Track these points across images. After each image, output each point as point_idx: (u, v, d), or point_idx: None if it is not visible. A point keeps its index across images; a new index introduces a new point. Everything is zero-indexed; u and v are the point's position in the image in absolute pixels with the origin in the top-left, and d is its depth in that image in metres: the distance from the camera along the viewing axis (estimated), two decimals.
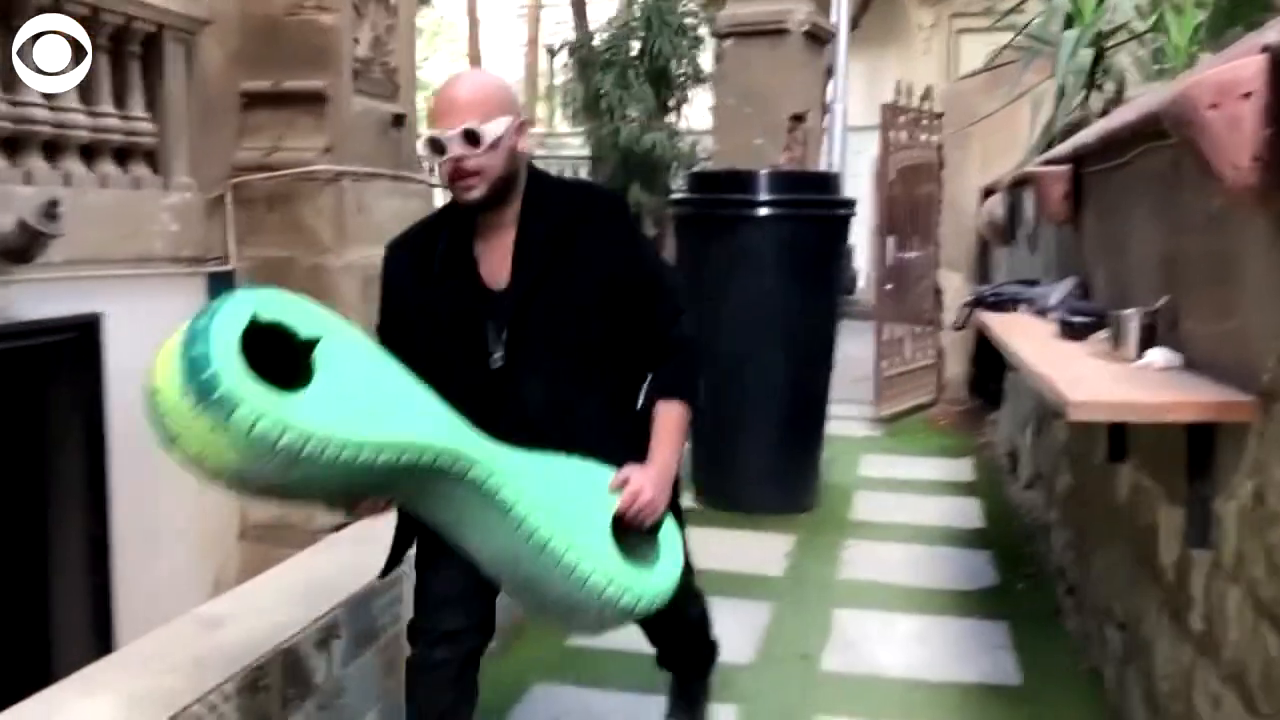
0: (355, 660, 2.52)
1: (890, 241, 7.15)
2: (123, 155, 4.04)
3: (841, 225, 5.06)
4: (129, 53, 3.97)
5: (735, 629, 3.63)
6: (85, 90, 3.75)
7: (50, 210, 3.29)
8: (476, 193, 1.96)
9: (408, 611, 2.36)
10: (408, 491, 1.76)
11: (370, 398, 1.66)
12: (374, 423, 1.63)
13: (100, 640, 3.68)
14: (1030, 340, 2.84)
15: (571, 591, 1.80)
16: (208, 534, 4.19)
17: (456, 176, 1.95)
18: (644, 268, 2.11)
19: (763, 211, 4.78)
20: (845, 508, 5.14)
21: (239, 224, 4.59)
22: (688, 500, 5.05)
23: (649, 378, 2.11)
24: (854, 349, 6.44)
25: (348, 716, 2.48)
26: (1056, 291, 3.28)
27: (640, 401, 2.09)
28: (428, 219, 2.19)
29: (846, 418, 6.72)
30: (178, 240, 4.25)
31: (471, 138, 1.92)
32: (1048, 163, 3.80)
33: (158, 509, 3.92)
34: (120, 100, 4.03)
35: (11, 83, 3.17)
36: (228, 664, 2.09)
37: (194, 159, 4.37)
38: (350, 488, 1.68)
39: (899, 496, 5.36)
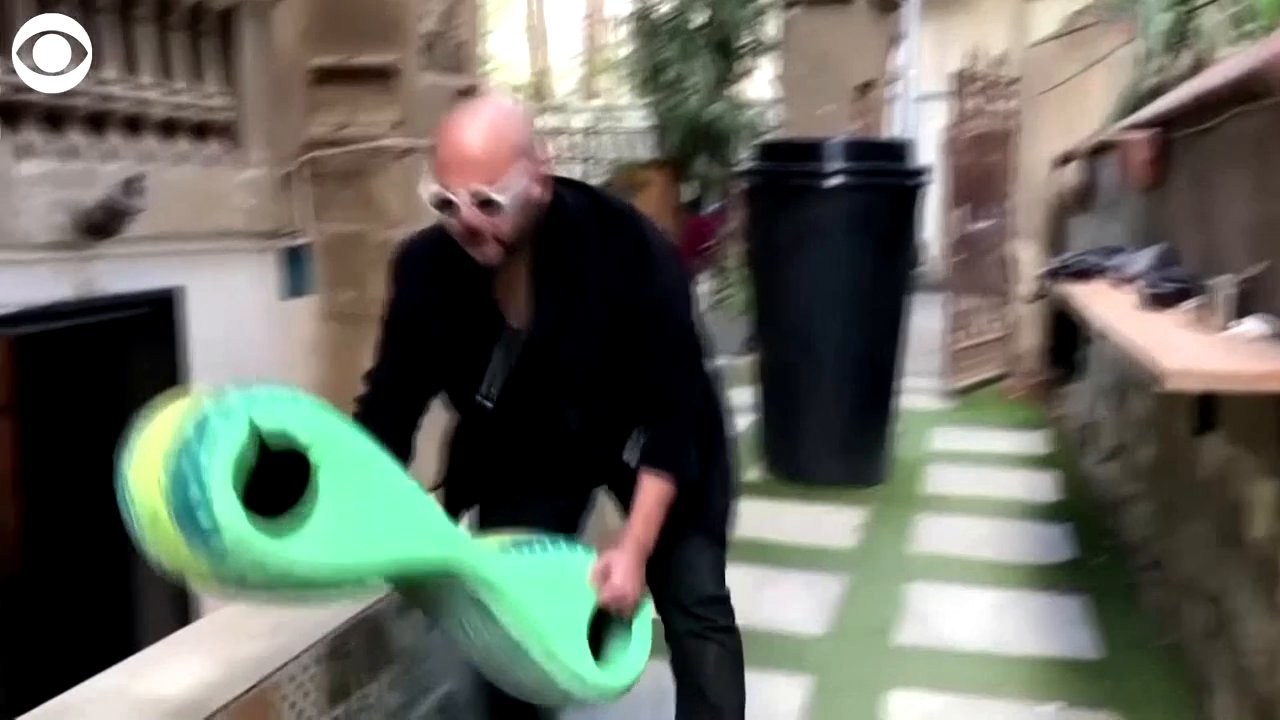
0: (435, 627, 2.54)
1: (961, 212, 7.03)
2: (200, 132, 4.10)
3: (914, 194, 4.98)
4: (204, 30, 4.03)
5: (807, 602, 3.63)
6: (163, 68, 3.81)
7: (133, 186, 3.35)
8: (492, 258, 1.80)
9: None
10: (396, 582, 1.81)
11: (367, 515, 1.63)
12: (370, 545, 1.64)
13: (179, 610, 3.77)
14: (1114, 310, 2.77)
15: (540, 685, 1.91)
16: None
17: (468, 238, 1.77)
18: (650, 292, 1.89)
19: (833, 181, 4.72)
20: (917, 481, 5.09)
21: (312, 199, 4.64)
22: (755, 472, 5.07)
23: (640, 436, 1.98)
24: (923, 321, 6.35)
25: (428, 683, 2.51)
26: (1141, 260, 3.19)
27: (631, 456, 1.99)
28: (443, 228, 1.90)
29: (917, 391, 6.63)
30: (253, 215, 4.31)
31: (484, 201, 1.73)
32: (1131, 128, 3.70)
33: None
34: (197, 77, 4.09)
35: (95, 62, 3.23)
36: (311, 631, 2.13)
37: (268, 135, 4.42)
38: (342, 592, 1.72)
39: (972, 470, 5.29)
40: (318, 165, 4.66)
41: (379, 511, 1.65)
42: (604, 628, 1.96)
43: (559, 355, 1.91)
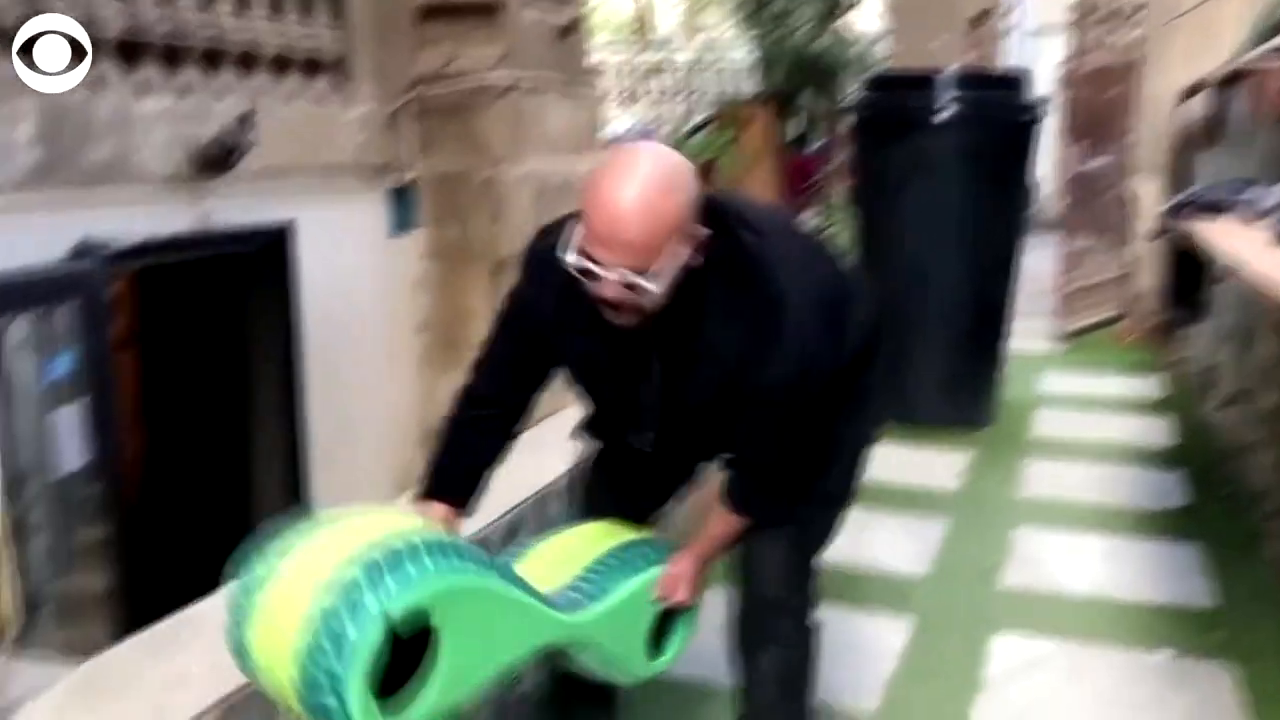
0: None
1: (1077, 149, 6.77)
2: (309, 68, 4.15)
3: (1029, 129, 4.80)
4: None
5: (909, 544, 3.59)
6: (274, 3, 3.85)
7: (246, 121, 3.41)
8: (627, 325, 1.68)
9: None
10: None
11: (482, 649, 1.69)
12: (483, 673, 1.71)
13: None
14: (1245, 247, 2.64)
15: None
16: (393, 438, 4.36)
17: (605, 305, 1.65)
18: (767, 379, 1.74)
19: (945, 114, 4.58)
20: (1025, 424, 4.97)
21: (418, 136, 4.68)
22: None
23: (727, 469, 1.96)
24: (1035, 262, 6.17)
25: None
26: (1275, 195, 3.03)
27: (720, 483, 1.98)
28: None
29: (1028, 333, 6.45)
30: (362, 152, 4.36)
31: (630, 284, 1.60)
32: (1267, 56, 3.49)
33: (347, 412, 4.09)
34: (307, 13, 4.13)
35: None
36: None
37: (376, 71, 4.45)
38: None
39: (1083, 414, 5.15)
40: (423, 102, 4.68)
41: (492, 639, 1.72)
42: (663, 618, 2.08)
43: (681, 397, 1.84)
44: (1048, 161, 11.51)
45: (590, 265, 1.59)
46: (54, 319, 2.79)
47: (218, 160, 3.48)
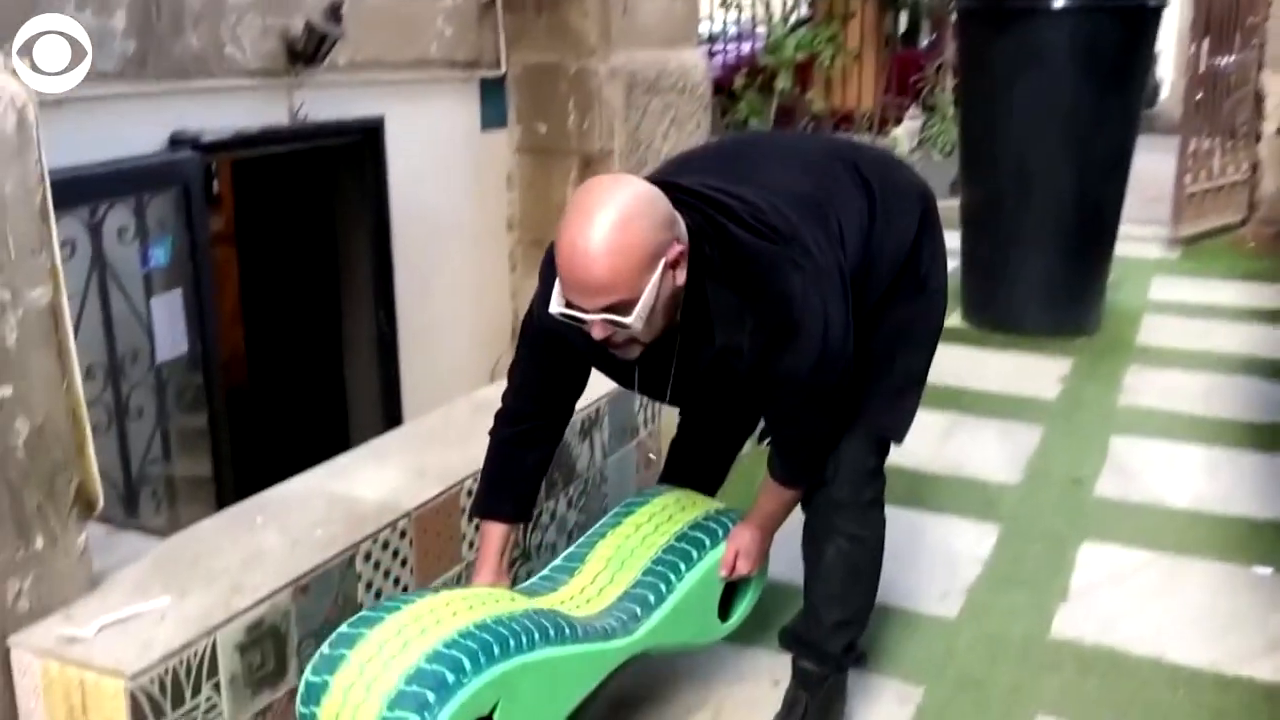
0: (615, 453, 2.59)
1: (1202, 45, 6.36)
2: None
3: (1150, 20, 4.51)
4: None
5: (1001, 450, 3.51)
6: None
7: (334, 12, 3.39)
8: (632, 357, 1.69)
9: (668, 413, 2.43)
10: None
11: (548, 705, 1.76)
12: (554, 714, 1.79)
13: (388, 417, 3.96)
14: None
15: None
16: (483, 331, 4.39)
17: (604, 344, 1.64)
18: (784, 367, 1.71)
19: (1058, 3, 4.33)
20: (1130, 332, 4.78)
21: (508, 28, 4.61)
22: (954, 319, 4.88)
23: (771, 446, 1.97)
24: (1151, 165, 5.87)
25: (604, 506, 2.57)
26: None
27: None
28: None
29: (1139, 238, 6.19)
30: (452, 45, 4.31)
31: (616, 319, 1.56)
32: None
33: (437, 306, 4.12)
34: None
35: None
36: None
37: None
38: None
39: (1194, 321, 4.92)
40: None
41: (553, 693, 1.77)
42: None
43: (699, 390, 1.87)
44: (1170, 58, 10.94)
45: (574, 314, 1.58)
46: (151, 208, 2.84)
47: (307, 53, 3.47)
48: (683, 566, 2.04)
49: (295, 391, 4.28)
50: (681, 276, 1.61)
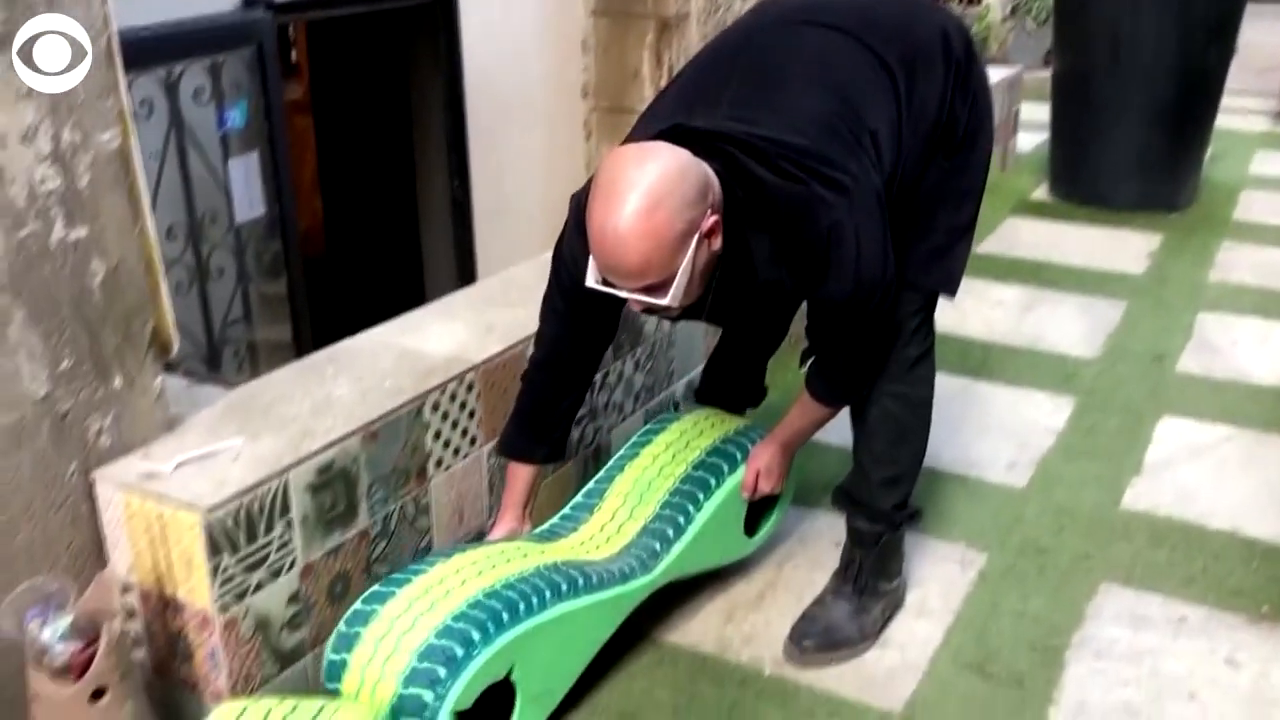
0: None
1: None
2: None
3: None
4: None
5: (1082, 326, 3.43)
6: None
7: None
8: (672, 317, 1.76)
9: None
10: None
11: (561, 664, 1.80)
12: (577, 661, 1.84)
13: (465, 282, 4.00)
14: None
15: None
16: (559, 199, 4.37)
17: (645, 311, 1.65)
18: (825, 294, 1.70)
19: None
20: (1227, 207, 4.59)
21: None
22: (1041, 192, 4.72)
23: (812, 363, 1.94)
24: (1261, 35, 5.54)
25: (669, 369, 2.57)
26: None
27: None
28: None
29: (1243, 111, 5.90)
30: None
31: (653, 300, 1.56)
32: None
33: (511, 170, 4.11)
34: None
35: None
36: None
37: None
38: None
39: None
40: None
41: (574, 640, 1.81)
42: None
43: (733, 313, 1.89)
44: None
45: (607, 289, 1.58)
46: (226, 69, 2.84)
47: None
48: (701, 496, 2.06)
49: (372, 259, 4.33)
50: (717, 242, 1.59)
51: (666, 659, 1.98)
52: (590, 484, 2.14)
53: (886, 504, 2.02)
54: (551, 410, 1.94)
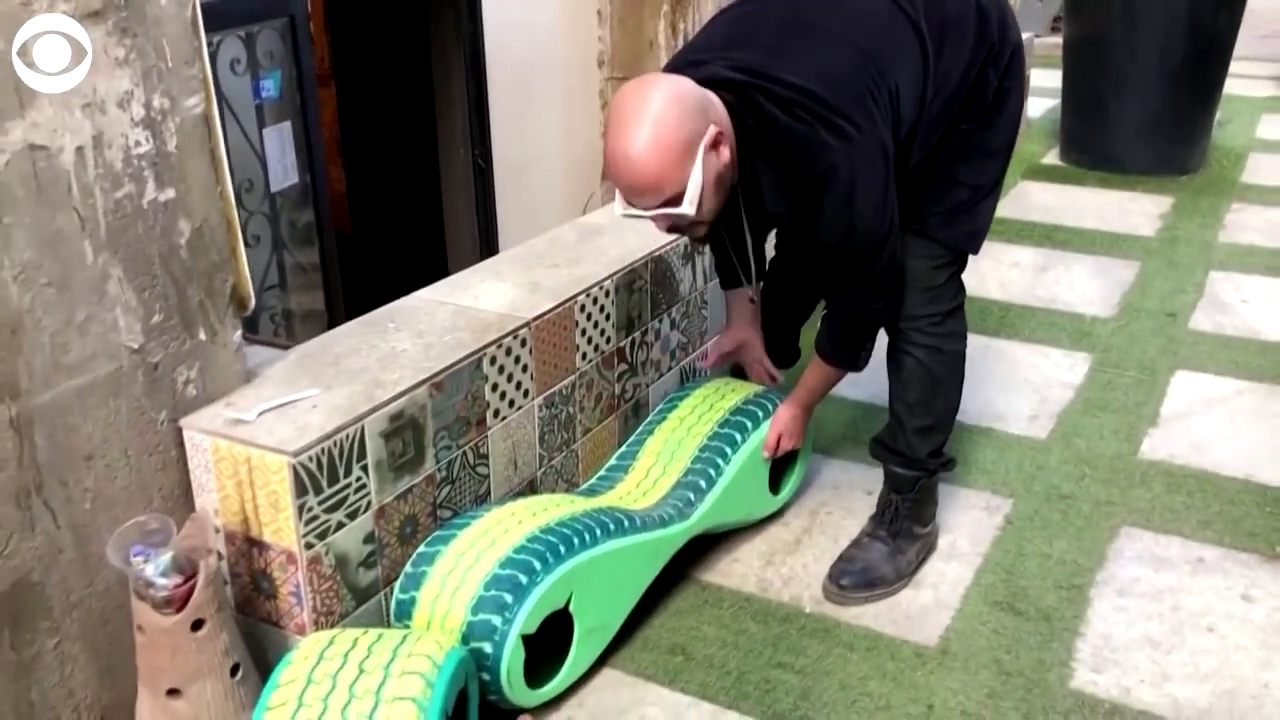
0: (716, 277, 2.66)
1: None
2: None
3: None
4: None
5: (1096, 285, 3.52)
6: None
7: None
8: (702, 238, 1.92)
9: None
10: None
11: (612, 599, 1.92)
12: (626, 600, 1.96)
13: (487, 250, 4.07)
14: None
15: None
16: (576, 169, 4.44)
17: (674, 230, 1.84)
18: (823, 229, 1.82)
19: None
20: (1236, 170, 4.67)
21: None
22: (1052, 157, 4.80)
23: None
24: (1264, 1, 5.59)
25: (703, 329, 2.66)
26: None
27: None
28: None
29: (1250, 76, 5.97)
30: None
31: (673, 211, 1.72)
32: None
33: (532, 141, 4.18)
34: None
35: None
36: (608, 264, 2.28)
37: None
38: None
39: None
40: None
41: (621, 583, 1.93)
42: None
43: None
44: None
45: (634, 212, 1.75)
46: (260, 40, 2.91)
47: None
48: (729, 450, 2.18)
49: (395, 227, 4.40)
50: (725, 154, 1.74)
51: (711, 599, 2.09)
52: (623, 448, 2.28)
53: (922, 452, 2.11)
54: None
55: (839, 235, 1.81)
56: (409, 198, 4.36)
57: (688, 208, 1.70)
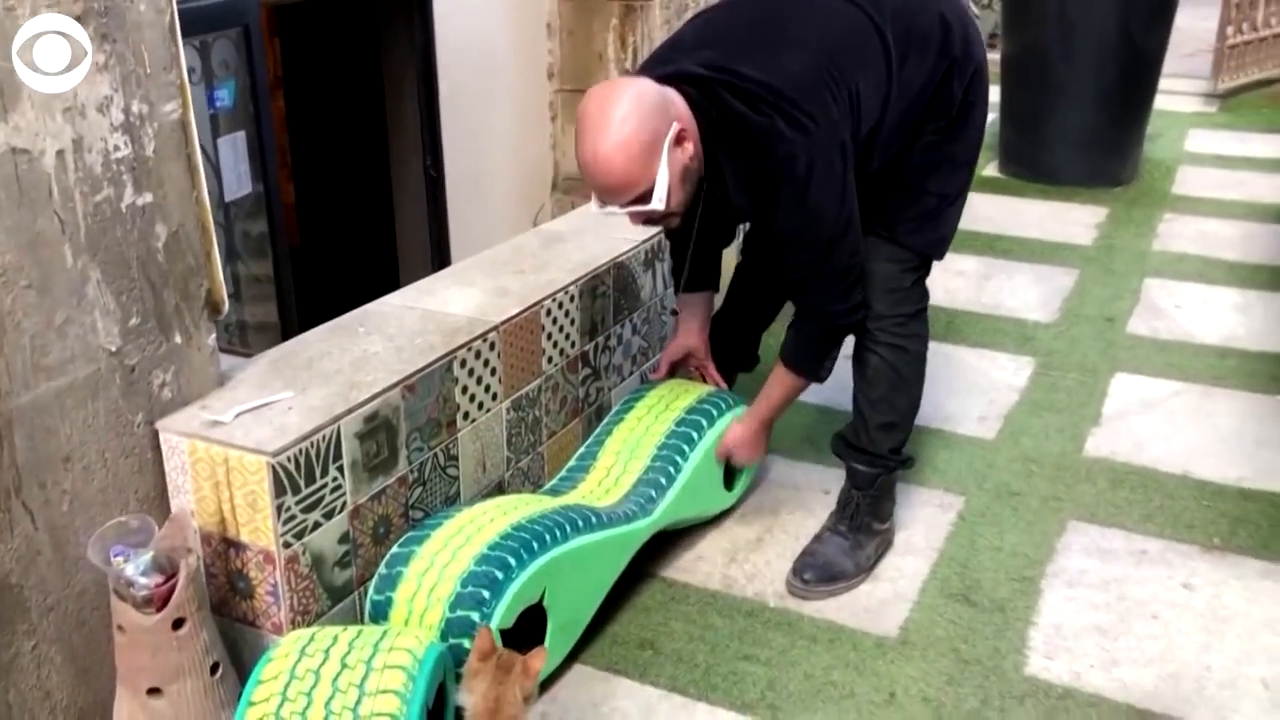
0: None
1: None
2: None
3: None
4: None
5: (1037, 292, 3.63)
6: None
7: None
8: (676, 227, 1.99)
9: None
10: None
11: (582, 594, 1.96)
12: (595, 593, 2.01)
13: (439, 262, 4.08)
14: None
15: None
16: (527, 181, 4.48)
17: (648, 224, 1.94)
18: (781, 222, 1.90)
19: None
20: (1166, 182, 4.84)
21: None
22: (991, 170, 4.94)
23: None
24: (1188, 20, 5.80)
25: (663, 334, 2.71)
26: None
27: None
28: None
29: (1176, 92, 6.18)
30: None
31: (643, 209, 1.83)
32: None
33: (483, 152, 4.20)
34: None
35: None
36: (572, 270, 2.33)
37: None
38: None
39: (1229, 173, 4.97)
40: None
41: (590, 578, 1.97)
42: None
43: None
44: None
45: (609, 209, 1.84)
46: (215, 50, 2.92)
47: None
48: (686, 449, 2.24)
49: (345, 240, 4.39)
50: (690, 148, 1.83)
51: (678, 596, 2.14)
52: (583, 448, 2.32)
53: (884, 448, 2.18)
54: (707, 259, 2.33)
55: (796, 227, 1.90)
56: (359, 210, 4.36)
57: (657, 203, 1.80)
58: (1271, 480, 2.51)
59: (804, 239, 1.92)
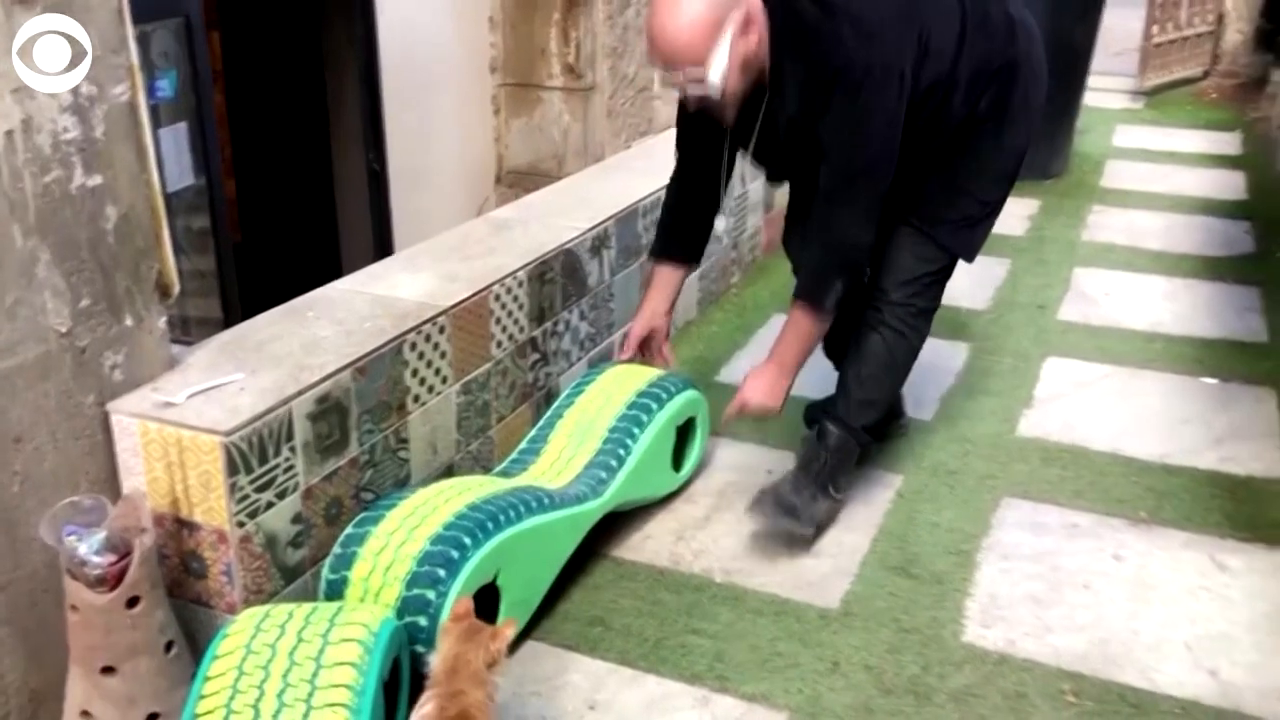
0: (622, 270, 2.76)
1: None
2: None
3: None
4: None
5: (971, 281, 3.71)
6: None
7: None
8: (730, 119, 2.05)
9: None
10: None
11: (534, 573, 2.00)
12: (548, 572, 2.04)
13: (382, 256, 4.08)
14: None
15: None
16: (470, 174, 4.50)
17: (702, 109, 2.01)
18: (828, 130, 1.99)
19: None
20: (1095, 176, 4.98)
21: None
22: None
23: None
24: (1115, 20, 5.97)
25: (611, 320, 2.75)
26: None
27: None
28: None
29: (1104, 90, 6.34)
30: None
31: (698, 80, 1.91)
32: None
33: (425, 145, 4.21)
34: None
35: None
36: (521, 255, 2.36)
37: None
38: None
39: (1155, 167, 5.13)
40: None
41: (542, 558, 2.01)
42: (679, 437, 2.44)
43: (787, 155, 2.19)
44: None
45: (666, 74, 1.95)
46: (155, 40, 2.90)
47: None
48: (636, 431, 2.29)
49: (286, 234, 4.37)
50: (753, 41, 1.93)
51: (627, 574, 2.18)
52: (534, 430, 2.35)
53: (858, 422, 2.28)
54: (683, 218, 2.34)
55: (843, 135, 1.97)
56: (301, 203, 4.33)
57: (715, 75, 1.88)
58: (1194, 457, 2.61)
59: (846, 148, 1.99)
